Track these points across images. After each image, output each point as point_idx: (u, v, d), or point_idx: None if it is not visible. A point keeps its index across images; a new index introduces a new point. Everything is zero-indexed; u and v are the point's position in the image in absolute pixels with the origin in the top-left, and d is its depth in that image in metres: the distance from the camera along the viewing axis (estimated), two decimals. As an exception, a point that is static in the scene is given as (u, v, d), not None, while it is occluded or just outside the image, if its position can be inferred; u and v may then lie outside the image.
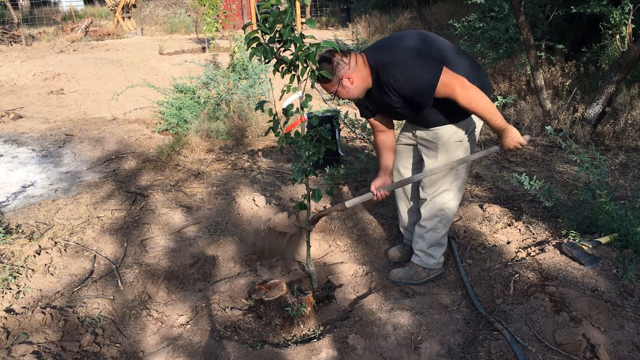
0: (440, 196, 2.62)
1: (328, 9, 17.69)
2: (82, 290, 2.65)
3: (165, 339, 2.43)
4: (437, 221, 2.66)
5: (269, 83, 5.64)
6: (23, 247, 2.94)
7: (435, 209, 2.64)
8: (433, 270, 2.77)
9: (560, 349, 1.99)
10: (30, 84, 7.34)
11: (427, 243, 2.71)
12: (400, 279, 2.74)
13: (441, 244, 2.75)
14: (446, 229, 2.71)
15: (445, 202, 2.62)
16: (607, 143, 4.91)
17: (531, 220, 3.07)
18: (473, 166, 4.22)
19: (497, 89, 7.05)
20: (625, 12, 5.78)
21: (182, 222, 3.31)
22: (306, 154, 2.44)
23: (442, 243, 2.75)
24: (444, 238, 2.73)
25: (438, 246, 2.74)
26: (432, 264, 2.75)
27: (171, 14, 14.65)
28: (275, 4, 2.20)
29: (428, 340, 2.26)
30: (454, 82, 2.25)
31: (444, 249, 2.78)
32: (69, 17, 15.19)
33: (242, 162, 4.51)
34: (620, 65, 4.68)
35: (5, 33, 11.32)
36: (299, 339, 2.38)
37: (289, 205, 3.46)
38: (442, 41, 2.46)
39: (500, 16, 6.97)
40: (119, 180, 4.07)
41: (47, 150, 4.83)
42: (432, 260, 2.74)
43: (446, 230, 2.71)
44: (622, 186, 3.65)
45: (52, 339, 2.24)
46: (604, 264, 2.45)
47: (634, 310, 2.17)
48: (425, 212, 2.67)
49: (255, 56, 2.21)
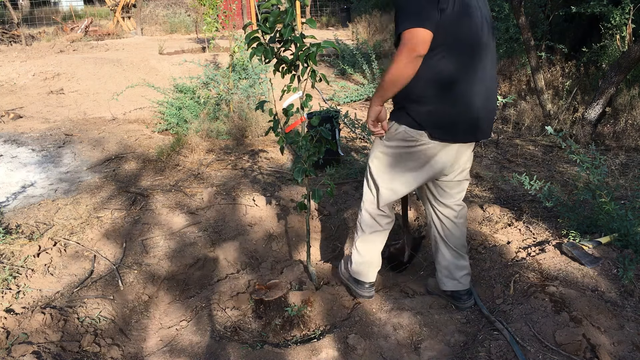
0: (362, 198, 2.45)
1: (328, 9, 17.69)
2: (82, 290, 2.65)
3: (165, 339, 2.43)
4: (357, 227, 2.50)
5: (269, 83, 5.64)
6: (23, 247, 2.94)
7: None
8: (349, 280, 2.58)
9: (561, 349, 1.98)
10: (30, 84, 7.33)
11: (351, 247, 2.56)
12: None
13: (351, 259, 2.51)
14: (360, 241, 2.45)
15: (361, 207, 2.44)
16: (607, 143, 4.91)
17: (531, 220, 3.07)
18: (473, 166, 4.22)
19: (498, 89, 7.05)
20: (625, 12, 5.78)
21: (182, 222, 3.31)
22: (306, 154, 2.44)
23: (353, 259, 2.49)
24: (356, 252, 2.48)
25: (348, 259, 2.54)
26: (342, 273, 2.62)
27: (171, 13, 14.65)
28: (276, 4, 2.20)
29: (428, 340, 2.26)
30: (410, 45, 1.88)
31: (354, 266, 2.50)
32: (69, 17, 15.19)
33: (242, 162, 4.50)
34: (620, 66, 4.68)
35: (5, 33, 11.32)
36: (299, 339, 2.38)
37: (289, 206, 3.46)
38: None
39: (501, 16, 6.97)
40: (119, 180, 4.07)
41: (47, 150, 4.83)
42: (342, 269, 2.62)
43: (360, 243, 2.45)
44: (622, 186, 3.65)
45: (52, 339, 2.24)
46: (604, 264, 2.45)
47: (634, 310, 2.17)
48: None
49: (256, 56, 2.21)
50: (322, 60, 9.22)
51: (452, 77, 2.01)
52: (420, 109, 2.07)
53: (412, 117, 2.09)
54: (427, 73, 1.99)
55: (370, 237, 2.43)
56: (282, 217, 3.35)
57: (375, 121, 2.15)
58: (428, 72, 1.98)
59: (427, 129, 2.08)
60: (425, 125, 2.07)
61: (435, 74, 2.00)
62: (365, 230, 2.42)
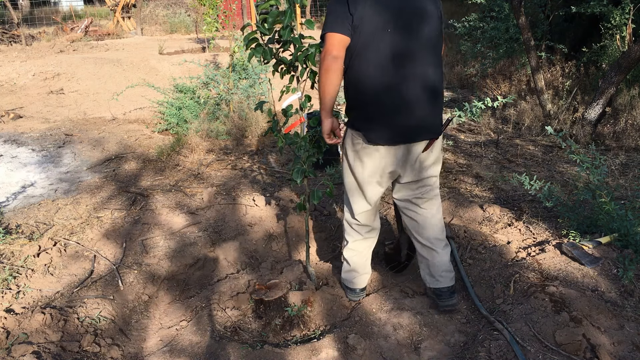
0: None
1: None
2: (82, 290, 2.65)
3: (165, 339, 2.43)
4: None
5: (268, 83, 5.64)
6: (23, 247, 2.94)
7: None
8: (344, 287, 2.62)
9: (561, 349, 1.98)
10: (30, 84, 7.34)
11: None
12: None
13: (345, 262, 2.54)
14: (345, 250, 2.50)
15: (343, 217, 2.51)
16: (607, 143, 4.91)
17: (531, 220, 3.07)
18: (473, 166, 4.22)
19: (498, 89, 7.05)
20: (625, 12, 5.78)
21: (182, 223, 3.31)
22: (305, 155, 2.44)
23: (343, 267, 2.56)
24: (344, 260, 2.53)
25: (345, 265, 2.56)
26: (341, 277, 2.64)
27: (171, 13, 14.64)
28: (274, 4, 2.20)
29: (428, 340, 2.26)
30: (325, 48, 2.04)
31: (343, 274, 2.56)
32: (69, 17, 15.18)
33: (242, 162, 4.50)
34: (620, 66, 4.68)
35: (5, 33, 11.31)
36: (299, 339, 2.38)
37: (289, 206, 3.46)
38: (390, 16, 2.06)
39: (501, 16, 6.97)
40: (119, 180, 4.07)
41: (47, 150, 4.83)
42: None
43: (346, 252, 2.50)
44: (622, 186, 3.65)
45: (52, 339, 2.24)
46: (604, 264, 2.45)
47: (634, 310, 2.17)
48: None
49: (255, 57, 2.21)
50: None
51: (371, 81, 2.08)
52: (354, 113, 2.19)
53: (351, 122, 2.21)
54: (351, 78, 2.12)
55: (354, 246, 2.47)
56: (282, 217, 3.35)
57: (329, 134, 2.20)
58: (351, 77, 2.12)
59: (361, 132, 2.16)
60: (359, 129, 2.17)
61: (356, 79, 2.11)
62: (348, 240, 2.48)
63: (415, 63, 2.09)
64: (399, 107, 2.11)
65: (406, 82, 2.09)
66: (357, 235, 2.45)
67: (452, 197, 3.48)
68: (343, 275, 2.58)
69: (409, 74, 2.09)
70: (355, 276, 2.52)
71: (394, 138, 2.15)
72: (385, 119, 2.12)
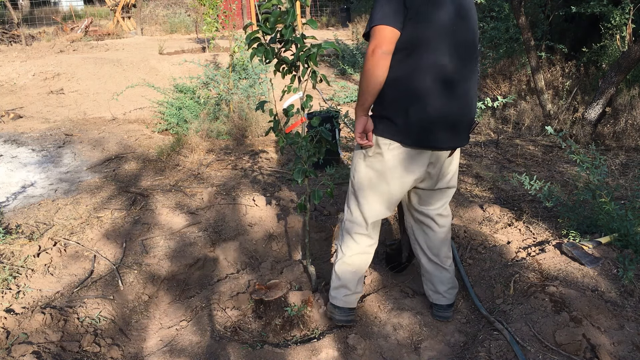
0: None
1: (328, 9, 17.69)
2: (82, 290, 2.65)
3: (165, 339, 2.43)
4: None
5: (269, 83, 5.64)
6: (23, 247, 2.94)
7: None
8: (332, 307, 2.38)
9: (561, 349, 1.98)
10: (30, 84, 7.34)
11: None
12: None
13: (336, 276, 2.33)
14: (339, 264, 2.30)
15: (342, 228, 2.34)
16: (607, 143, 4.92)
17: (531, 220, 3.07)
18: (473, 166, 4.23)
19: (498, 89, 7.05)
20: (625, 12, 5.78)
21: (183, 223, 3.31)
22: (306, 155, 2.44)
23: (332, 283, 2.35)
24: (334, 275, 2.33)
25: (335, 279, 2.35)
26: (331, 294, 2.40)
27: (171, 13, 14.65)
28: (277, 4, 2.20)
29: (428, 340, 2.26)
30: (372, 42, 1.88)
31: (332, 291, 2.35)
32: (69, 17, 15.18)
33: (242, 162, 4.50)
34: (620, 66, 4.68)
35: (5, 33, 11.32)
36: (299, 339, 2.38)
37: (289, 206, 3.46)
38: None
39: (501, 16, 6.98)
40: (119, 180, 4.07)
41: (47, 150, 4.83)
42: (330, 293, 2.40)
43: (339, 266, 2.30)
44: (622, 186, 3.65)
45: (52, 339, 2.24)
46: (604, 264, 2.45)
47: (634, 310, 2.17)
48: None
49: (256, 56, 2.21)
50: (322, 60, 9.22)
51: (420, 82, 1.93)
52: (391, 112, 2.00)
53: (385, 125, 2.03)
54: (394, 77, 1.94)
55: (351, 260, 2.28)
56: (282, 217, 3.35)
57: (362, 133, 2.05)
58: (395, 76, 1.94)
59: (398, 136, 2.00)
60: (396, 132, 2.00)
61: (402, 78, 1.94)
62: (345, 252, 2.28)
63: (464, 61, 1.99)
64: (446, 109, 1.98)
65: (456, 84, 1.97)
66: (357, 247, 2.25)
67: (452, 197, 3.48)
68: (332, 292, 2.35)
69: (460, 74, 1.98)
70: (346, 293, 2.31)
71: (435, 141, 2.01)
72: (431, 122, 1.97)
